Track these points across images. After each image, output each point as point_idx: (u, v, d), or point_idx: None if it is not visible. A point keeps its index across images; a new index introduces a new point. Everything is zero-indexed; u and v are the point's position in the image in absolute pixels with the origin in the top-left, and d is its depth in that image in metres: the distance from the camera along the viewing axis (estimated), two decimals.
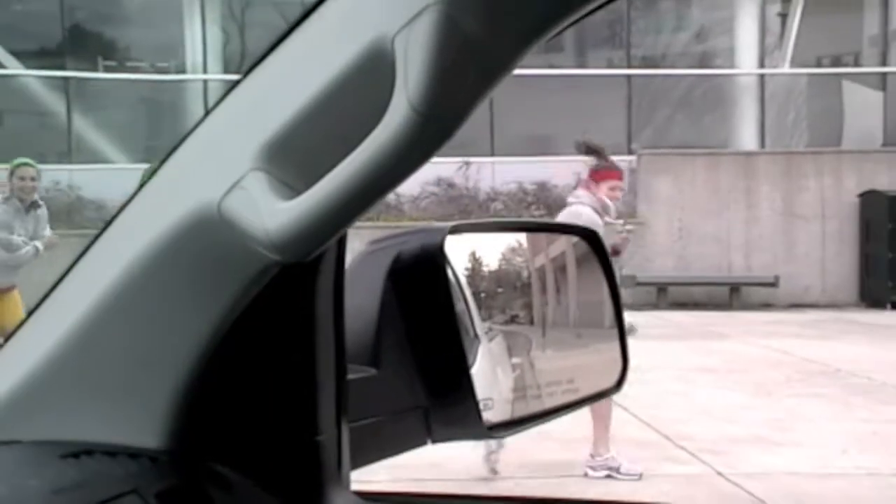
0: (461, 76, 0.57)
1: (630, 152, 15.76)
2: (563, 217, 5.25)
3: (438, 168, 15.25)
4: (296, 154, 0.62)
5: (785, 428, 6.29)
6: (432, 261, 0.82)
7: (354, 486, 0.80)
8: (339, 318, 0.76)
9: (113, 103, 17.12)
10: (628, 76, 16.72)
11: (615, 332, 1.04)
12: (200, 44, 17.31)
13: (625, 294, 16.09)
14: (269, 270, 0.65)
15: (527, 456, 5.29)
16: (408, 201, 15.13)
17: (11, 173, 6.76)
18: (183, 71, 17.40)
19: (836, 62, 17.79)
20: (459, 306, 0.90)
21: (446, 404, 0.82)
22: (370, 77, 0.58)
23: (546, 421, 0.90)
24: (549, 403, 0.92)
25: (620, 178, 5.35)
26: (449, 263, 0.89)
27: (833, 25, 17.27)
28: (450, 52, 0.56)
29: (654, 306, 14.21)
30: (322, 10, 0.62)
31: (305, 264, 0.67)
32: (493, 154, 16.01)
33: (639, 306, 14.15)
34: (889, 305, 13.97)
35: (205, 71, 17.13)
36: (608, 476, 5.09)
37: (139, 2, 17.51)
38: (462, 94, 0.58)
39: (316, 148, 0.61)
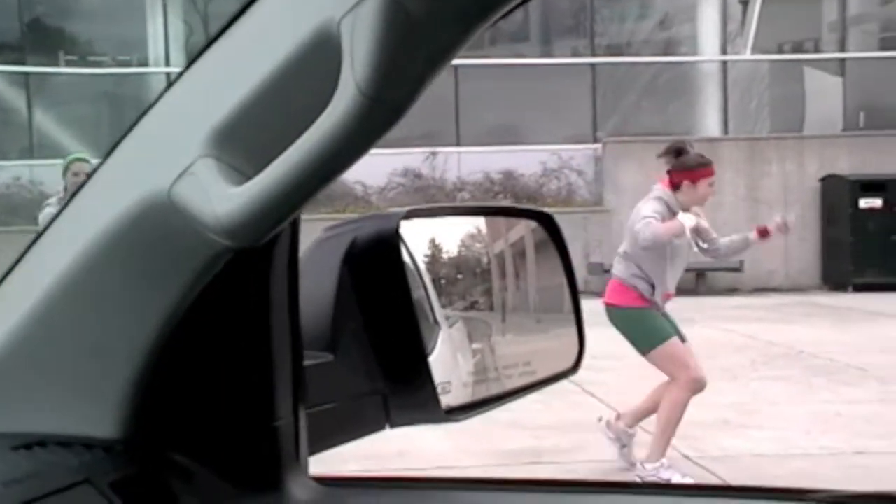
0: (407, 59, 0.57)
1: (595, 140, 15.83)
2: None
3: (405, 158, 15.21)
4: (245, 139, 0.62)
5: (750, 411, 6.37)
6: (387, 246, 0.82)
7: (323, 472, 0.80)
8: (293, 304, 0.76)
9: (75, 98, 16.89)
10: (593, 65, 16.77)
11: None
12: (163, 37, 17.13)
13: (593, 282, 16.06)
14: (222, 256, 0.65)
15: (494, 444, 5.32)
16: (375, 192, 15.10)
17: (66, 169, 6.42)
18: (146, 64, 17.21)
19: (798, 48, 17.96)
20: (419, 293, 0.91)
21: (404, 389, 0.83)
22: (317, 61, 0.59)
23: (503, 403, 0.91)
24: (507, 386, 0.93)
25: (714, 171, 4.99)
26: (408, 250, 0.90)
27: (793, 12, 17.43)
28: (395, 35, 0.56)
29: None
30: None
31: (258, 250, 0.67)
32: (459, 144, 16.01)
33: None
34: (851, 288, 14.17)
35: (167, 64, 16.95)
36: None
37: None
38: (409, 77, 0.58)
39: (265, 133, 0.61)
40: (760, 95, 17.23)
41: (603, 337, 9.83)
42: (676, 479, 4.73)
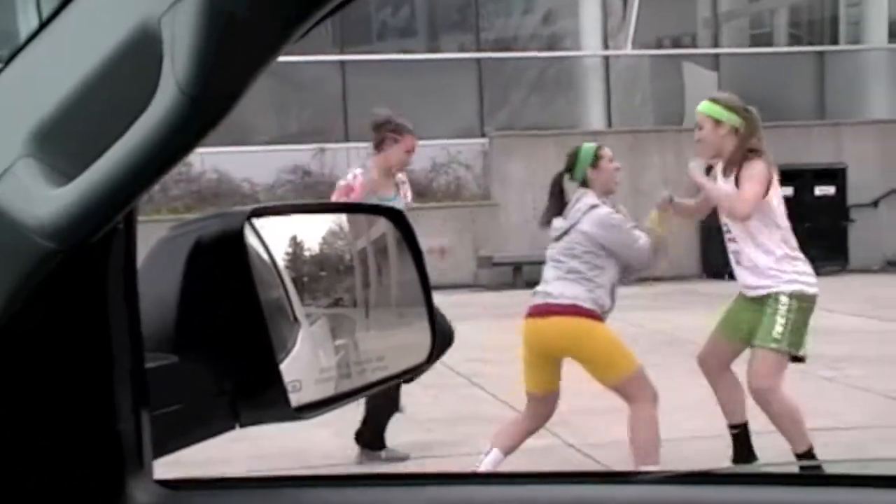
0: (228, 57, 0.57)
1: (483, 135, 15.98)
2: None
3: (294, 155, 15.04)
4: (66, 139, 0.61)
5: None
6: (232, 244, 0.82)
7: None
8: (132, 304, 0.75)
9: None
10: (479, 60, 16.93)
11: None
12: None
13: (482, 275, 16.04)
14: (49, 258, 0.64)
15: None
16: (263, 190, 14.87)
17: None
18: None
19: (676, 44, 18.54)
20: (278, 291, 0.90)
21: (252, 388, 0.82)
22: (138, 59, 0.58)
23: (354, 399, 0.92)
24: (358, 382, 0.94)
25: None
26: (266, 248, 0.90)
27: (670, 8, 17.99)
28: (215, 33, 0.56)
29: (511, 286, 14.47)
30: None
31: (91, 250, 0.66)
32: (347, 140, 15.93)
33: (495, 286, 14.40)
34: (727, 276, 14.69)
35: None
36: None
37: None
38: (230, 76, 0.58)
39: (87, 133, 0.61)
40: (643, 89, 17.72)
41: (490, 329, 9.92)
42: None
